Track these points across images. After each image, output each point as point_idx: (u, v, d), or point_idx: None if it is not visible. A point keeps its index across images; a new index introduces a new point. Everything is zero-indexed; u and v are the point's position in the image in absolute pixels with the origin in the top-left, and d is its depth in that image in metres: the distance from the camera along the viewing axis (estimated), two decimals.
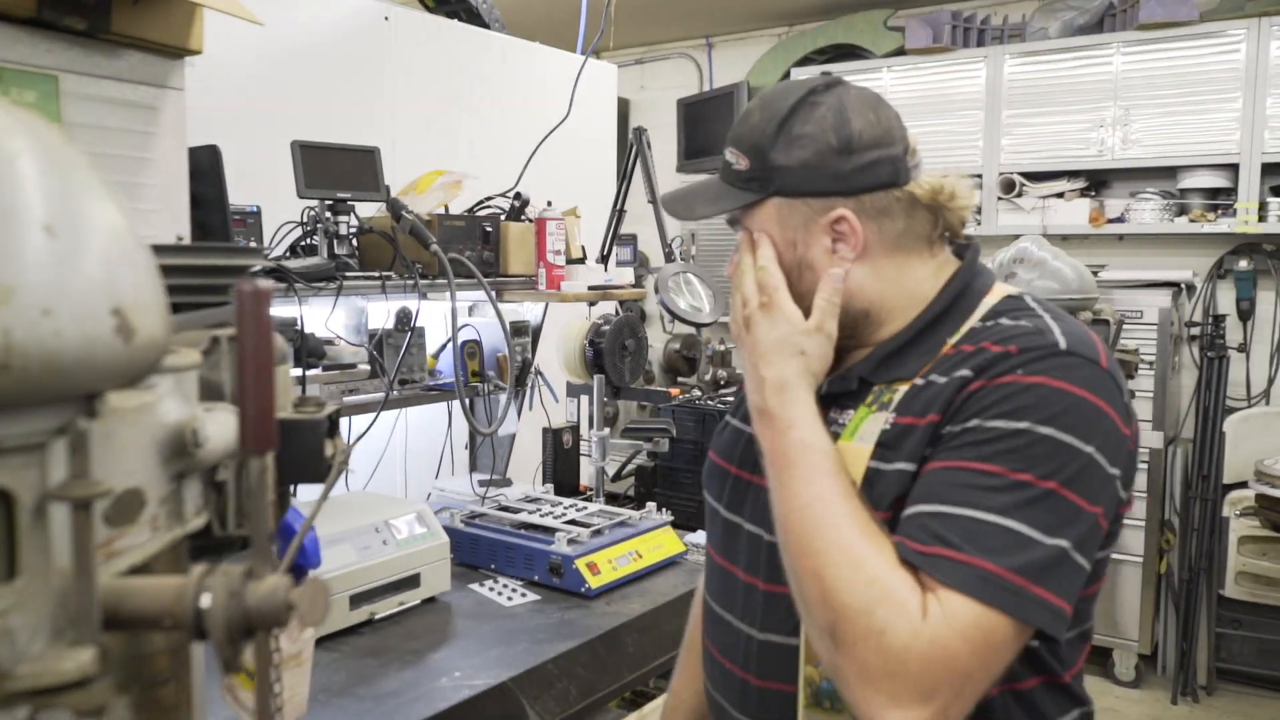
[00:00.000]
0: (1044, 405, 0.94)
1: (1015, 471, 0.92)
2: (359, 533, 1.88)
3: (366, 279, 2.04)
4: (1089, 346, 1.00)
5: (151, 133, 1.18)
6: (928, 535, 0.92)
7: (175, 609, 0.62)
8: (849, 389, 1.10)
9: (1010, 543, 0.90)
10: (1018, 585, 0.89)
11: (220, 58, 2.33)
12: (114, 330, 0.55)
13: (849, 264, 1.08)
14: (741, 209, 1.12)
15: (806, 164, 1.07)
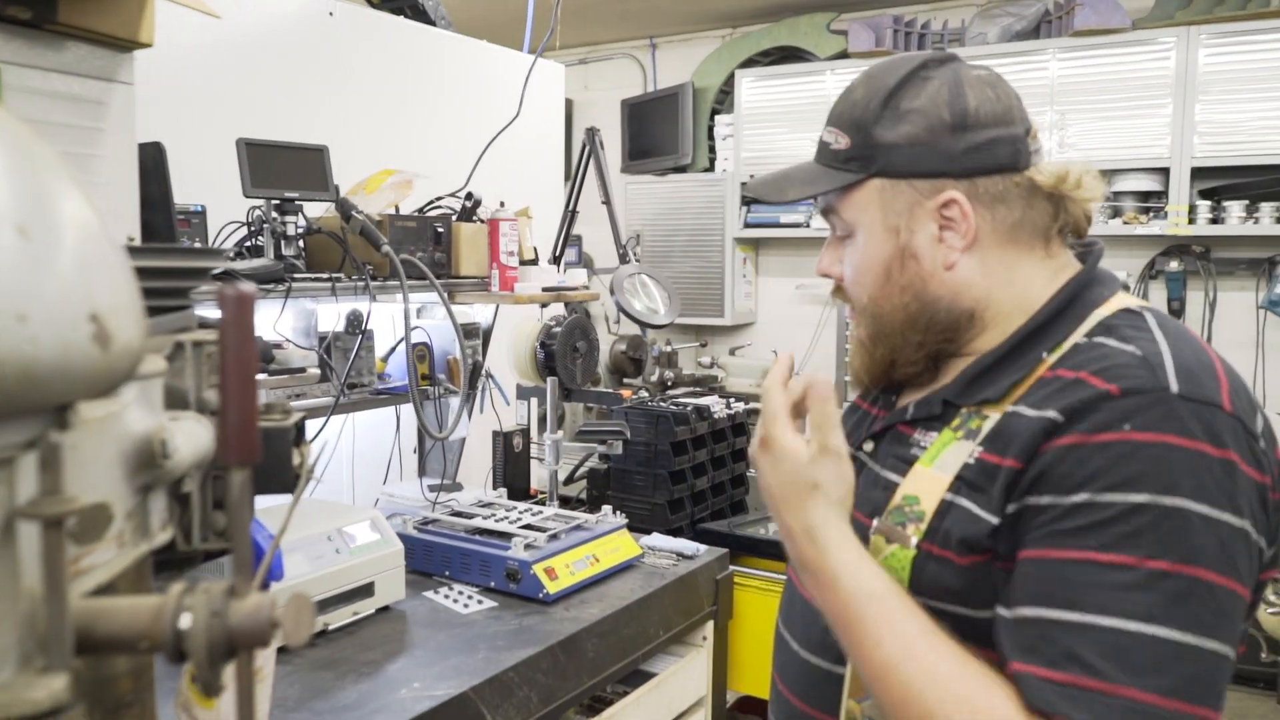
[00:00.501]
0: (1161, 468, 0.80)
1: (1150, 560, 0.79)
2: (311, 541, 1.83)
3: (316, 281, 1.99)
4: (1208, 386, 0.85)
5: (100, 128, 1.13)
6: (1057, 654, 0.80)
7: (153, 630, 0.59)
8: (934, 412, 1.00)
9: (1161, 657, 0.78)
10: (1173, 711, 0.77)
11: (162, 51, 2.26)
12: (91, 337, 0.52)
13: (957, 255, 0.99)
14: (839, 191, 1.02)
15: (915, 140, 0.98)
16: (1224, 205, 4.11)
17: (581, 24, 5.25)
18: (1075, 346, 0.93)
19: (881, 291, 1.02)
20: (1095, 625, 0.79)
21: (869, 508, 1.00)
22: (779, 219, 4.89)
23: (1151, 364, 0.86)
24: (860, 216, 1.02)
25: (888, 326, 1.03)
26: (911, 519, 0.94)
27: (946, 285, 1.00)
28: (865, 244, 1.02)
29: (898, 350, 1.03)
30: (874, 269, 1.02)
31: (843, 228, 1.05)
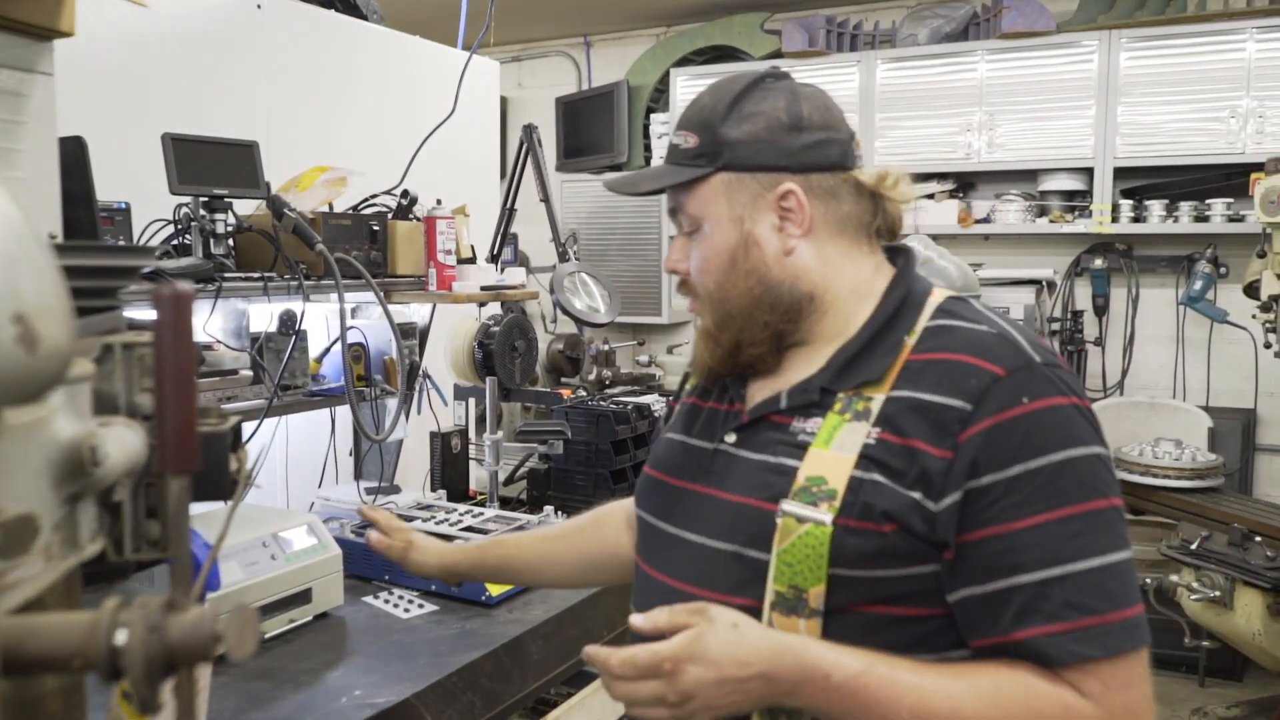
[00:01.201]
0: (1062, 426, 0.97)
1: (1085, 504, 0.95)
2: (246, 547, 1.77)
3: (247, 280, 1.94)
4: (1050, 351, 1.03)
5: (19, 121, 1.08)
6: (1054, 608, 0.93)
7: (86, 648, 0.56)
8: (811, 400, 1.07)
9: (1120, 576, 0.94)
10: (1139, 614, 0.95)
11: (84, 43, 2.17)
12: (16, 339, 0.49)
13: (795, 242, 1.09)
14: (686, 188, 1.12)
15: (757, 138, 1.08)
16: (1145, 204, 4.24)
17: (516, 21, 5.21)
18: (927, 330, 1.05)
19: (728, 278, 1.10)
20: (1072, 573, 0.93)
21: (765, 493, 1.04)
22: None
23: (1010, 341, 1.02)
24: (707, 209, 1.11)
25: (734, 310, 1.11)
26: (822, 498, 0.99)
27: (787, 270, 1.10)
28: (712, 234, 1.11)
29: (744, 332, 1.11)
30: (721, 257, 1.11)
31: (689, 223, 1.14)
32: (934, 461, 0.97)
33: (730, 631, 0.94)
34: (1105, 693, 0.92)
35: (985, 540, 0.95)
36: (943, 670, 0.96)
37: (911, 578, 0.99)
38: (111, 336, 0.82)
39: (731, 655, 0.93)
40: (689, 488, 1.14)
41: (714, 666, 0.92)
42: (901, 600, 1.00)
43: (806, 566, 0.99)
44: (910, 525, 0.97)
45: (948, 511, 0.96)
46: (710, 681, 0.93)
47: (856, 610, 0.99)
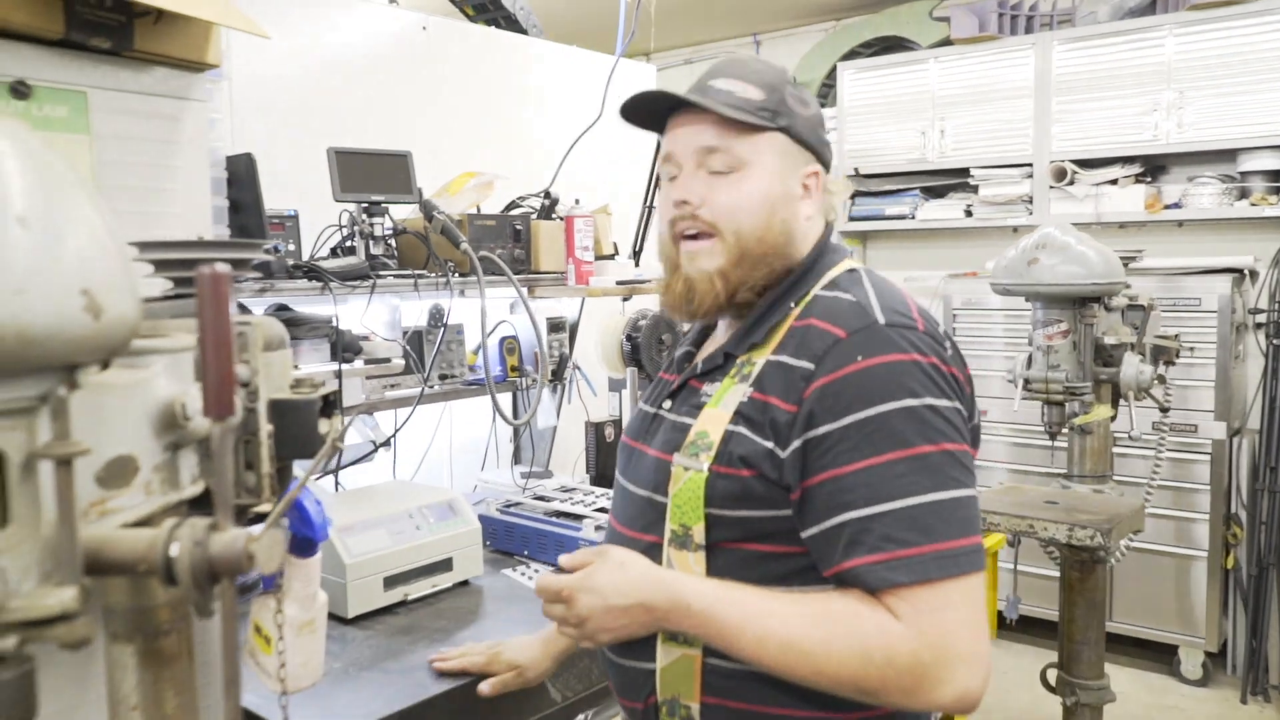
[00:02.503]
0: (891, 380, 1.08)
1: (908, 449, 1.06)
2: (393, 519, 1.97)
3: (399, 277, 2.14)
4: (904, 315, 1.14)
5: (175, 142, 1.28)
6: (874, 541, 1.05)
7: (148, 556, 0.70)
8: (717, 364, 1.23)
9: (940, 513, 1.05)
10: (965, 547, 1.06)
11: (266, 74, 2.47)
12: (83, 308, 0.63)
13: (812, 211, 1.26)
14: (744, 129, 1.20)
15: (811, 120, 1.24)
16: None
17: (685, 24, 5.33)
18: (814, 298, 1.19)
19: (764, 221, 1.21)
20: (891, 510, 1.05)
21: (670, 447, 1.21)
22: (884, 211, 4.84)
23: (862, 306, 1.14)
24: (761, 157, 1.21)
25: (756, 253, 1.21)
26: (703, 449, 1.16)
27: (800, 233, 1.24)
28: (756, 180, 1.20)
29: (750, 275, 1.21)
30: (762, 201, 1.21)
31: (729, 163, 1.21)
32: (782, 414, 1.11)
33: (617, 569, 1.15)
34: (914, 614, 1.04)
35: (821, 483, 1.09)
36: (784, 597, 1.10)
37: (773, 519, 1.13)
38: None
39: (615, 587, 1.13)
40: (636, 446, 1.31)
41: (600, 596, 1.14)
42: (769, 539, 1.14)
43: (690, 507, 1.16)
44: (764, 471, 1.12)
45: (791, 457, 1.10)
46: (599, 608, 1.14)
47: (733, 546, 1.15)
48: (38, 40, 1.14)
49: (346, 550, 1.86)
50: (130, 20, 1.18)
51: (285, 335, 1.08)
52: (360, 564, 1.86)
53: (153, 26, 1.21)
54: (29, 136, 0.65)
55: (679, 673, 1.18)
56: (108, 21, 1.16)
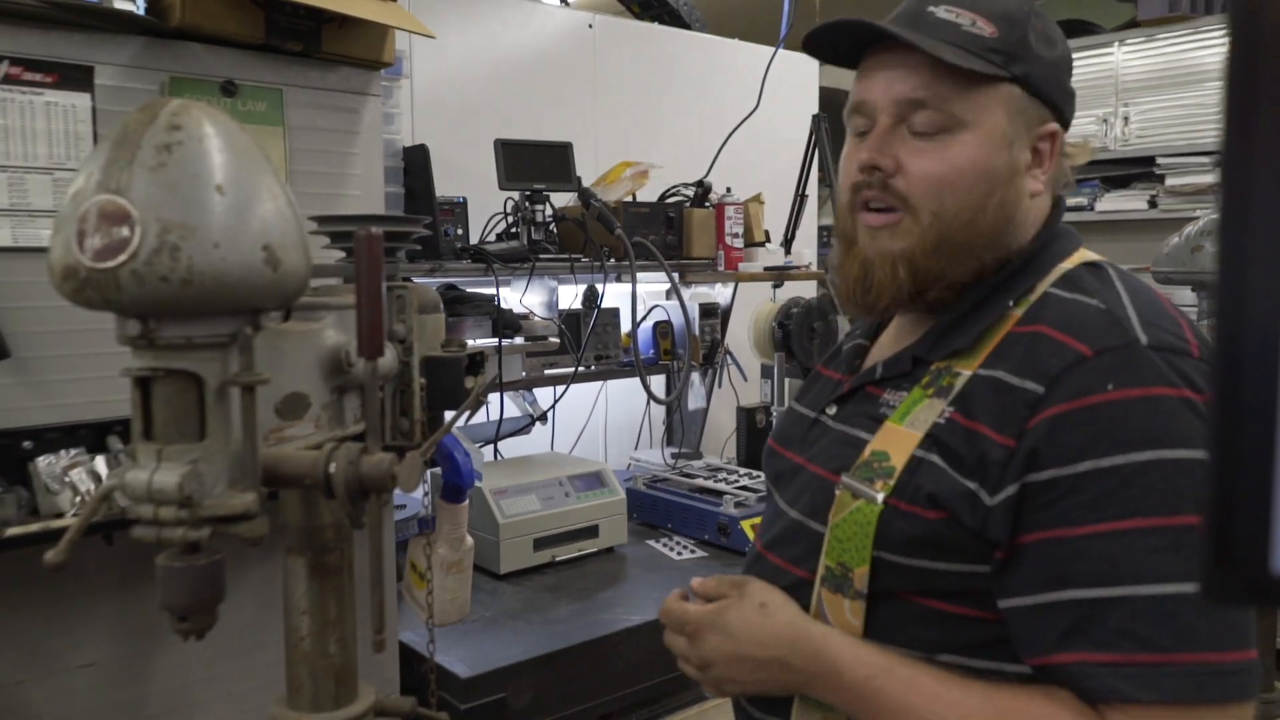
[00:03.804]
0: (1158, 421, 0.80)
1: (1172, 517, 0.78)
2: (544, 485, 2.12)
3: (556, 260, 2.28)
4: (1174, 334, 0.85)
5: (355, 132, 1.45)
6: (1106, 634, 0.79)
7: (311, 472, 0.84)
8: (903, 370, 0.97)
9: (1203, 612, 0.77)
10: (1232, 662, 0.77)
11: (443, 73, 2.66)
12: (264, 261, 0.77)
13: (1041, 186, 0.96)
14: (965, 78, 0.91)
15: (1057, 65, 0.94)
16: None
17: (855, 14, 5.29)
18: (1043, 297, 0.91)
19: (976, 200, 0.92)
20: (1136, 596, 0.78)
21: (835, 464, 0.97)
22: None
23: (1116, 317, 0.85)
24: (983, 115, 0.92)
25: (962, 238, 0.93)
26: (880, 474, 0.91)
27: (1025, 215, 0.96)
28: (975, 146, 0.92)
29: (953, 267, 0.94)
30: (978, 174, 0.92)
31: (938, 123, 0.92)
32: (995, 449, 0.85)
33: (755, 611, 0.94)
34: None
35: (1040, 544, 0.83)
36: (968, 686, 0.86)
37: (962, 575, 0.88)
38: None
39: (750, 634, 0.93)
40: (789, 456, 1.07)
41: (731, 640, 0.94)
42: (954, 597, 0.89)
43: (854, 544, 0.92)
44: (960, 516, 0.86)
45: (1002, 507, 0.84)
46: (727, 653, 0.95)
47: (905, 599, 0.91)
48: (243, 45, 1.32)
49: (500, 511, 2.02)
50: (319, 26, 1.35)
51: (438, 300, 1.22)
52: (512, 524, 2.01)
53: (337, 31, 1.38)
54: (228, 122, 0.79)
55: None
56: (300, 27, 1.34)
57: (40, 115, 1.20)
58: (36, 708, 1.26)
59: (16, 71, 1.18)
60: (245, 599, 1.37)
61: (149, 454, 0.79)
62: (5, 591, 1.23)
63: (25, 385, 1.21)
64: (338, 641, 1.05)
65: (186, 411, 0.79)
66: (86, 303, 0.74)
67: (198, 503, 0.78)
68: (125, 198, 0.72)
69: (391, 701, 1.16)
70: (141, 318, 0.75)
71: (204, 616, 0.83)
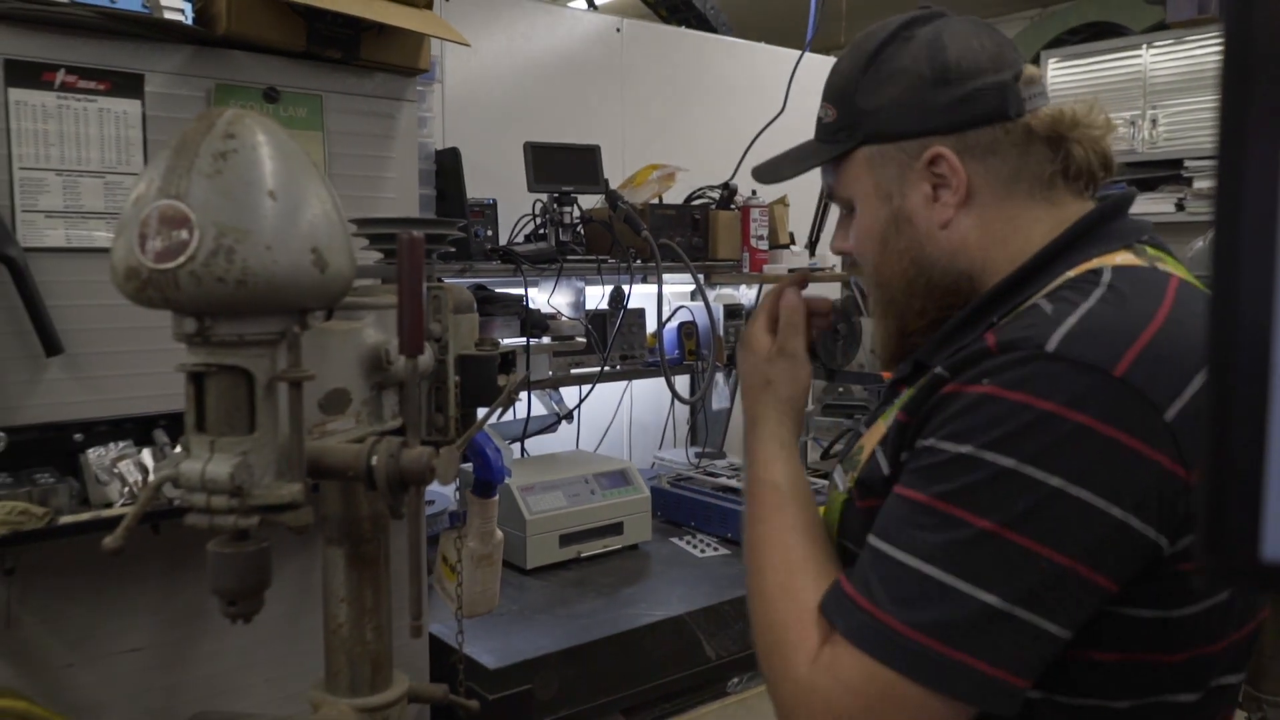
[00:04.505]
0: (997, 424, 0.78)
1: (952, 507, 0.79)
2: (570, 483, 2.16)
3: (583, 262, 2.32)
4: (1102, 350, 0.79)
5: (391, 137, 1.49)
6: (860, 574, 0.84)
7: (354, 464, 0.88)
8: (905, 374, 0.99)
9: (926, 593, 0.79)
10: (922, 645, 0.78)
11: (474, 76, 2.71)
12: (312, 263, 0.81)
13: (951, 212, 0.95)
14: (833, 166, 1.01)
15: (897, 101, 0.95)
16: None
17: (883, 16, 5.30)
18: (1030, 309, 0.87)
19: (882, 260, 1.00)
20: (889, 556, 0.82)
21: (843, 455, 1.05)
22: None
23: (1050, 325, 0.81)
24: (854, 187, 1.01)
25: (891, 294, 1.01)
26: (851, 467, 0.97)
27: (943, 246, 0.96)
28: (862, 214, 1.00)
29: (904, 319, 1.01)
30: (872, 238, 1.00)
31: (843, 204, 1.04)
32: (905, 430, 0.88)
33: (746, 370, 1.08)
34: (825, 662, 0.82)
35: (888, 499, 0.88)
36: (812, 540, 0.93)
37: None
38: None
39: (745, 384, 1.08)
40: None
41: (742, 373, 1.09)
42: None
43: (830, 522, 0.99)
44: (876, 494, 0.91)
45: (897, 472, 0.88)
46: (740, 372, 1.10)
47: None
48: (285, 53, 1.37)
49: (527, 507, 2.06)
50: (358, 34, 1.40)
51: (473, 300, 1.26)
52: (539, 520, 2.05)
53: (375, 39, 1.43)
54: (279, 130, 0.84)
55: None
56: (340, 36, 1.38)
57: (93, 121, 1.25)
58: (85, 689, 1.31)
59: (71, 80, 1.23)
60: (284, 589, 1.41)
61: (202, 445, 0.83)
62: (58, 577, 1.28)
63: (77, 380, 1.26)
64: (374, 629, 1.10)
65: (237, 406, 0.83)
66: (147, 302, 0.78)
67: (248, 492, 0.82)
68: (184, 203, 0.76)
69: (425, 689, 1.20)
70: (198, 316, 0.79)
71: (252, 601, 0.87)
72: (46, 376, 1.24)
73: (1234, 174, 0.41)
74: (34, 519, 1.17)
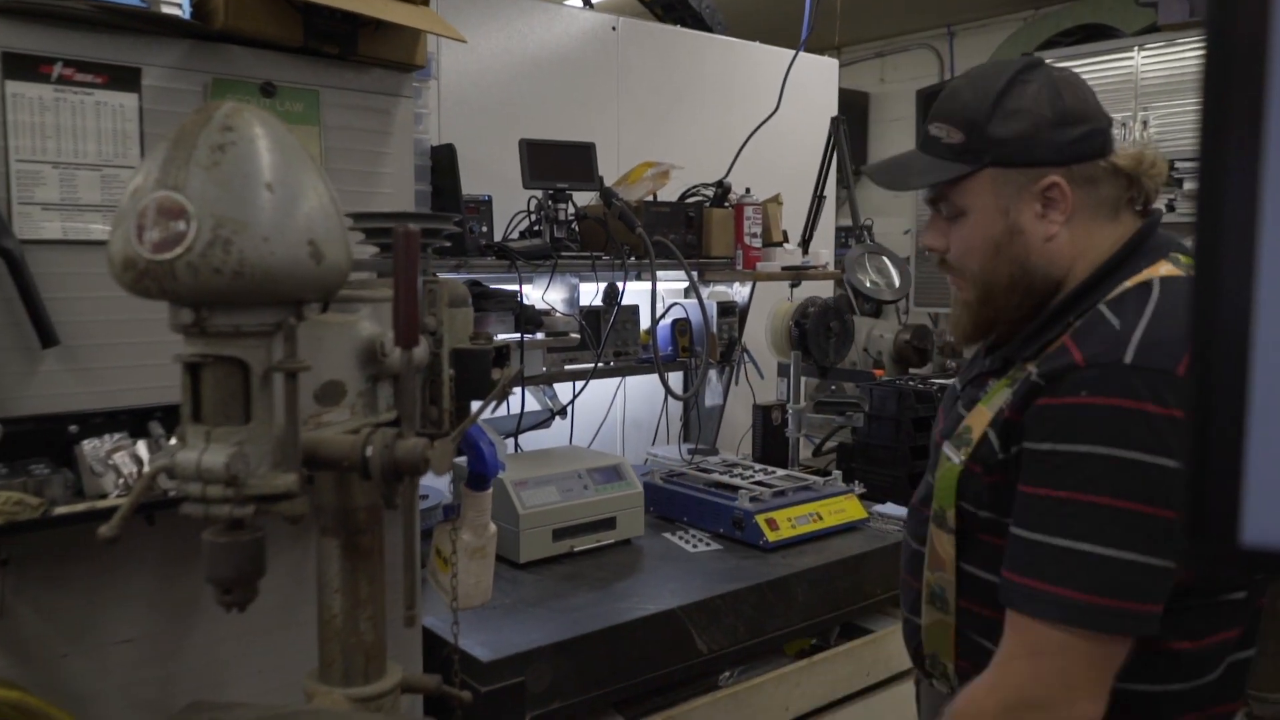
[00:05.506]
0: (1102, 424, 1.04)
1: (1089, 494, 1.04)
2: (563, 478, 2.16)
3: (578, 258, 2.32)
4: (1167, 357, 1.05)
5: (387, 132, 1.50)
6: (1021, 563, 1.08)
7: (349, 455, 0.88)
8: (997, 366, 1.23)
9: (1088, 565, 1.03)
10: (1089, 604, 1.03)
11: (470, 73, 2.72)
12: (309, 255, 0.82)
13: (1056, 229, 1.17)
14: (953, 182, 1.20)
15: (1024, 136, 1.16)
16: None
17: (876, 17, 5.32)
18: (1093, 313, 1.13)
19: (992, 263, 1.20)
20: (1045, 543, 1.07)
21: (946, 432, 1.26)
22: None
23: (1121, 338, 1.07)
24: (973, 201, 1.19)
25: (995, 291, 1.21)
26: (965, 443, 1.20)
27: (1045, 255, 1.19)
28: (977, 223, 1.20)
29: (1001, 311, 1.22)
30: (986, 244, 1.20)
31: (951, 210, 1.22)
32: (1013, 426, 1.13)
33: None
34: (1010, 643, 1.09)
35: (1020, 493, 1.11)
36: None
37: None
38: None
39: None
40: (939, 425, 1.34)
41: None
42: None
43: (945, 493, 1.21)
44: (1007, 479, 1.14)
45: (1012, 462, 1.13)
46: None
47: (986, 540, 1.18)
48: (282, 48, 1.38)
49: (521, 502, 2.06)
50: (355, 29, 1.40)
51: (468, 295, 1.26)
52: (532, 515, 2.06)
53: (372, 34, 1.43)
54: (277, 124, 0.84)
55: (937, 634, 1.25)
56: (337, 31, 1.39)
57: (90, 114, 1.25)
58: (79, 680, 1.31)
59: (69, 73, 1.23)
60: (278, 581, 1.42)
61: (198, 436, 0.84)
62: (53, 568, 1.28)
63: (72, 372, 1.27)
64: (368, 619, 1.10)
65: (233, 396, 0.84)
66: (144, 292, 0.79)
67: (243, 482, 0.83)
68: (182, 194, 0.77)
69: (418, 679, 1.21)
70: (194, 307, 0.80)
71: (246, 589, 0.88)
72: (42, 368, 1.24)
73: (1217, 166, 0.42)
74: (29, 509, 1.18)
